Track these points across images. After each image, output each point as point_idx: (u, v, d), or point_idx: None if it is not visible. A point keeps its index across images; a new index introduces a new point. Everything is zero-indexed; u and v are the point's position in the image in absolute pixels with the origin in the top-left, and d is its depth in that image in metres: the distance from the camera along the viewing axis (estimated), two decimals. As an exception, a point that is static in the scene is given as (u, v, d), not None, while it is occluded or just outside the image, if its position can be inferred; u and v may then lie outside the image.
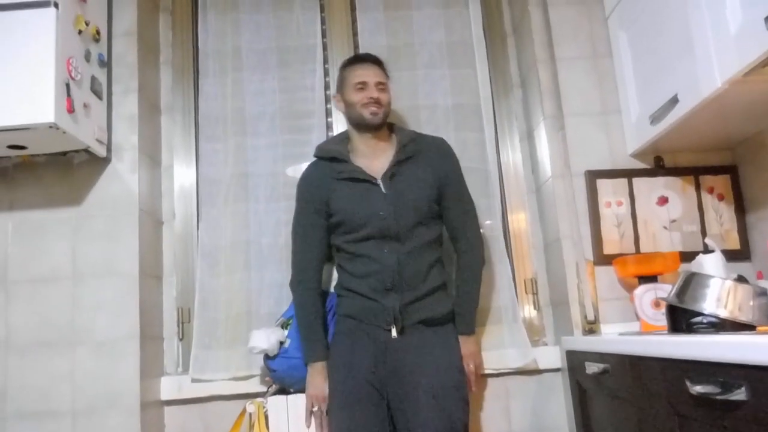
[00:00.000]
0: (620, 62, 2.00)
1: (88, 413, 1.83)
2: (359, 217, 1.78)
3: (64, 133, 1.71)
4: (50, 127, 1.67)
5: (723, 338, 1.05)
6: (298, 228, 1.89)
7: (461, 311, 1.87)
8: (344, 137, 1.94)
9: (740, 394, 0.99)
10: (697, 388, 1.10)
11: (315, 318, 1.84)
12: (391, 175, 1.82)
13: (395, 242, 1.78)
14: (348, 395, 1.72)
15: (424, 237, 1.81)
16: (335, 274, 1.95)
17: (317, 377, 1.79)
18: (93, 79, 1.88)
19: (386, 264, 1.76)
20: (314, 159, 1.93)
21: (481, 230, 2.05)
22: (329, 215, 1.84)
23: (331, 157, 1.87)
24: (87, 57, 1.84)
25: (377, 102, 1.83)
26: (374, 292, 1.76)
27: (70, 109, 1.72)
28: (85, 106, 1.82)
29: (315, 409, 1.79)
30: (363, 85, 1.84)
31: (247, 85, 2.21)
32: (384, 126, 1.89)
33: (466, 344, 1.84)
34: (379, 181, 1.81)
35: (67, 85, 1.72)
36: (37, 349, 1.86)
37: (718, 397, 1.04)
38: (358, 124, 1.86)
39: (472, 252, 1.91)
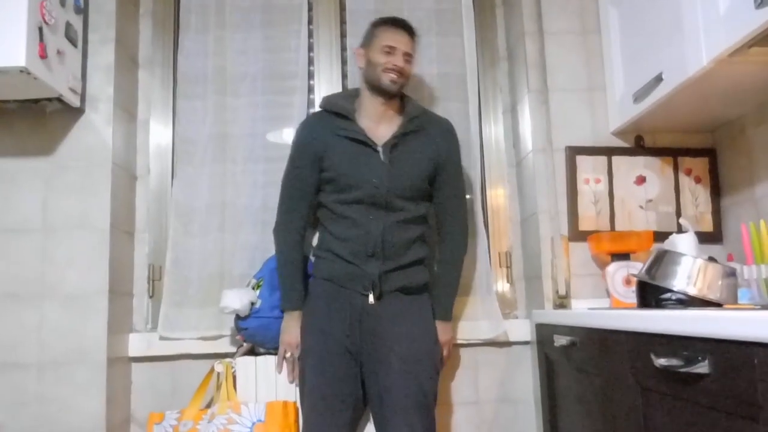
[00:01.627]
0: (608, 38, 1.98)
1: (54, 367, 1.81)
2: (352, 179, 1.76)
3: (36, 78, 1.65)
4: (21, 71, 1.61)
5: (688, 313, 1.06)
6: (289, 175, 1.85)
7: (441, 297, 1.87)
8: (353, 94, 1.90)
9: (703, 367, 1.00)
10: (661, 361, 1.11)
11: (295, 266, 1.82)
12: (393, 144, 1.79)
13: (383, 211, 1.76)
14: (322, 357, 1.72)
15: (412, 212, 1.79)
16: (314, 242, 1.92)
17: (292, 325, 1.79)
18: (68, 25, 1.82)
19: (370, 230, 1.74)
20: (318, 110, 1.89)
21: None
22: (322, 169, 1.81)
23: (336, 112, 1.83)
24: (62, 2, 1.78)
25: (401, 71, 1.79)
26: (355, 256, 1.75)
27: (43, 54, 1.66)
28: (59, 52, 1.76)
29: (288, 355, 1.80)
30: (391, 50, 1.79)
31: (229, 43, 2.15)
32: (398, 95, 1.85)
33: (443, 330, 1.85)
34: (380, 149, 1.78)
35: (40, 29, 1.66)
36: (4, 300, 1.83)
37: (681, 370, 1.05)
38: (373, 86, 1.82)
39: (457, 239, 1.90)
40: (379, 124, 1.83)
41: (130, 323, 2.05)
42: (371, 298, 1.74)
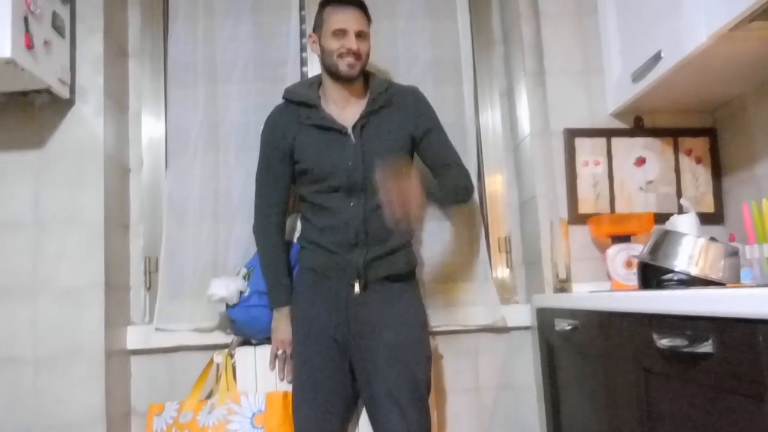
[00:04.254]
0: (605, 19, 1.95)
1: (51, 361, 1.79)
2: (326, 166, 1.72)
3: (23, 70, 1.62)
4: (7, 62, 1.58)
5: (690, 292, 1.04)
6: (261, 172, 1.82)
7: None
8: (315, 81, 1.85)
9: (707, 347, 0.98)
10: (664, 342, 1.09)
11: (279, 263, 1.80)
12: (362, 125, 1.74)
13: (362, 196, 1.71)
14: (309, 349, 1.71)
15: None
16: (299, 226, 1.90)
17: (283, 322, 1.78)
18: (54, 14, 1.78)
19: (351, 218, 1.71)
20: (282, 102, 1.85)
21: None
22: (294, 162, 1.77)
23: (300, 101, 1.79)
24: (48, -9, 1.75)
25: (356, 54, 1.72)
26: (338, 246, 1.71)
27: (29, 45, 1.63)
28: (46, 43, 1.73)
29: (280, 352, 1.78)
30: (342, 33, 1.71)
31: (219, 31, 2.11)
32: (360, 76, 1.79)
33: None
34: (349, 131, 1.74)
35: (26, 19, 1.62)
36: (-3, 296, 1.81)
37: (685, 350, 1.03)
38: (332, 73, 1.76)
39: (461, 172, 1.83)
40: (345, 108, 1.78)
41: (127, 316, 2.03)
42: (357, 288, 1.71)
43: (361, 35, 1.74)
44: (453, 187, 1.83)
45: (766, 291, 0.85)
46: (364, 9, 1.77)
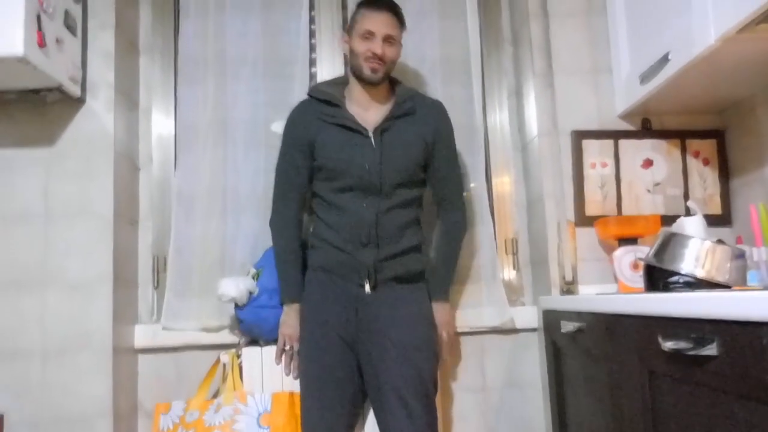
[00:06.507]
0: (614, 19, 1.95)
1: (58, 354, 1.81)
2: (342, 166, 1.73)
3: (35, 68, 1.64)
4: (19, 60, 1.59)
5: (695, 294, 1.04)
6: (282, 165, 1.84)
7: (439, 277, 1.84)
8: (342, 81, 1.87)
9: (711, 349, 0.98)
10: (669, 344, 1.09)
11: (293, 258, 1.81)
12: (383, 129, 1.76)
13: (375, 197, 1.73)
14: (318, 347, 1.71)
15: (405, 196, 1.77)
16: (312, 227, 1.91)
17: (292, 317, 1.78)
18: (66, 13, 1.80)
19: (364, 218, 1.72)
20: (307, 97, 1.86)
21: (465, 193, 2.02)
22: (313, 157, 1.79)
23: (324, 99, 1.80)
24: (60, -11, 1.76)
25: (380, 58, 1.72)
26: (349, 245, 1.72)
27: (42, 43, 1.65)
28: (58, 41, 1.75)
29: (287, 348, 1.79)
30: (370, 35, 1.72)
31: (229, 27, 2.12)
32: (385, 80, 1.80)
33: (440, 311, 1.82)
34: (370, 134, 1.75)
35: (38, 18, 1.64)
36: (7, 288, 1.82)
37: (689, 353, 1.03)
38: (357, 75, 1.78)
39: (456, 219, 1.88)
40: (368, 110, 1.80)
41: (135, 314, 2.04)
42: (367, 288, 1.72)
43: (389, 40, 1.74)
44: (449, 241, 1.89)
45: (770, 294, 0.85)
46: (397, 14, 1.77)
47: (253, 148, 2.09)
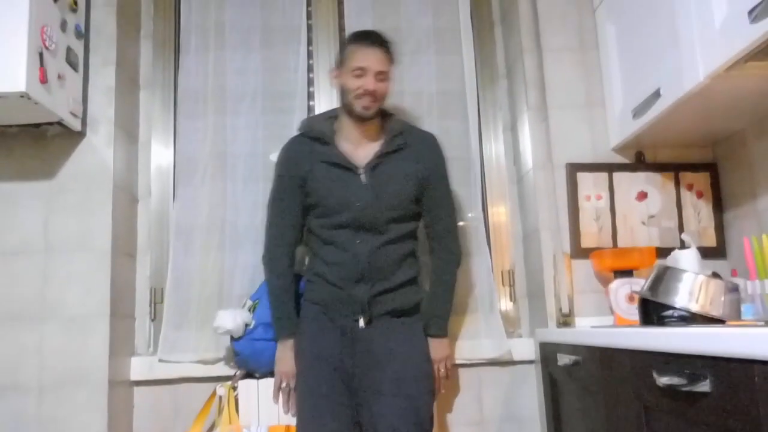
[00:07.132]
0: (606, 55, 1.99)
1: (55, 388, 1.80)
2: (335, 203, 1.74)
3: (36, 103, 1.67)
4: (21, 96, 1.62)
5: (688, 330, 1.05)
6: (274, 202, 1.84)
7: (435, 313, 1.82)
8: (332, 115, 1.86)
9: (704, 386, 0.98)
10: (664, 380, 1.09)
11: (286, 294, 1.80)
12: (374, 165, 1.76)
13: (369, 233, 1.73)
14: (313, 382, 1.70)
15: (400, 231, 1.76)
16: (306, 260, 1.92)
17: (287, 354, 1.77)
18: (68, 49, 1.84)
19: (358, 254, 1.71)
20: (298, 134, 1.87)
21: (461, 223, 2.03)
22: (306, 194, 1.79)
23: (315, 137, 1.80)
24: (63, 27, 1.80)
25: (372, 94, 1.71)
26: (343, 281, 1.72)
27: (43, 79, 1.68)
28: (60, 77, 1.78)
29: (284, 385, 1.78)
30: (362, 72, 1.70)
31: (229, 63, 2.17)
32: (376, 116, 1.79)
33: (438, 347, 1.80)
34: (361, 171, 1.75)
35: (41, 55, 1.68)
36: (4, 321, 1.83)
37: (683, 389, 1.03)
38: (349, 112, 1.77)
39: (449, 255, 1.86)
40: (359, 146, 1.79)
41: (132, 346, 2.04)
42: (362, 323, 1.71)
43: (380, 76, 1.73)
44: (443, 276, 1.85)
45: (759, 331, 0.86)
46: (388, 49, 1.77)
47: (252, 182, 2.11)
